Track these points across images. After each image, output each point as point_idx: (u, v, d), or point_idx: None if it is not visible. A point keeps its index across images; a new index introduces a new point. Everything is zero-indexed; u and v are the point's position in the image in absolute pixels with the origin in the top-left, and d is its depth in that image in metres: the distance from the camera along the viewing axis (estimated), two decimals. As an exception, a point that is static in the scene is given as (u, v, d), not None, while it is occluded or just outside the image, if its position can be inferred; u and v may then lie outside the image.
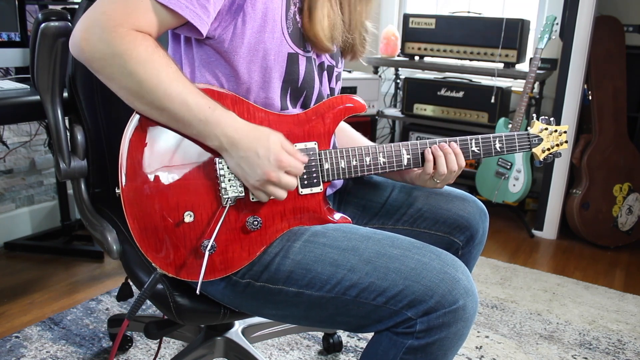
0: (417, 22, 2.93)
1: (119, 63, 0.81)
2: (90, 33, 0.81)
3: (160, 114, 0.86)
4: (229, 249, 0.92)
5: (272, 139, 0.88)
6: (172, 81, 0.84)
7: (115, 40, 0.80)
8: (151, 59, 0.82)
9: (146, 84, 0.83)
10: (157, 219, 0.88)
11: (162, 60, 0.84)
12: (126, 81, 0.83)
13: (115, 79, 0.84)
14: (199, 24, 0.85)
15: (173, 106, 0.84)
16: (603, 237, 2.64)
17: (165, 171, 0.89)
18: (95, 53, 0.82)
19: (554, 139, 1.14)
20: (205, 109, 0.86)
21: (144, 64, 0.82)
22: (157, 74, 0.83)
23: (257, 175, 0.87)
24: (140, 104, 0.86)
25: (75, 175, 1.22)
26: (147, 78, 0.82)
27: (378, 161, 1.02)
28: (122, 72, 0.82)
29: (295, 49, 0.96)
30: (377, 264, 0.88)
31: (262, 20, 0.90)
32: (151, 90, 0.83)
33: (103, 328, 1.75)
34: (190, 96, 0.85)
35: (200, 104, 0.85)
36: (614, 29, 2.66)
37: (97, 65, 0.83)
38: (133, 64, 0.81)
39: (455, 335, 0.87)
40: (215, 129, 0.86)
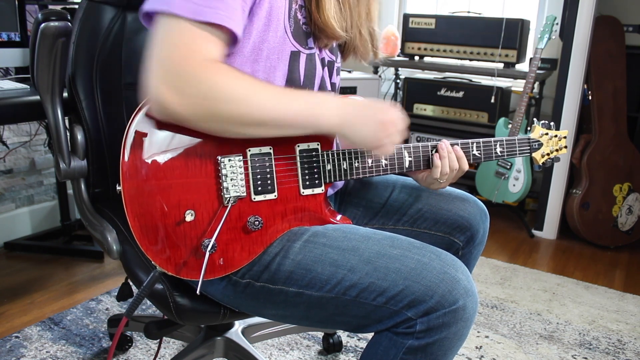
0: (417, 22, 2.93)
1: (214, 98, 0.80)
2: (171, 86, 0.79)
3: (266, 130, 0.87)
4: (230, 249, 0.92)
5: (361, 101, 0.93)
6: (271, 94, 0.85)
7: (199, 78, 0.79)
8: (239, 82, 0.83)
9: (249, 111, 0.83)
10: (158, 217, 0.88)
11: (247, 78, 0.85)
12: (229, 113, 0.82)
13: (216, 117, 0.82)
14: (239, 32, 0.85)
15: (284, 123, 0.86)
16: (603, 237, 2.65)
17: (167, 169, 0.89)
18: (186, 102, 0.79)
19: (554, 144, 1.15)
20: (310, 111, 0.88)
21: (236, 89, 0.82)
22: (255, 98, 0.83)
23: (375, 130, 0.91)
24: (249, 129, 0.86)
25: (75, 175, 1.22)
26: (248, 106, 0.82)
27: (380, 163, 1.02)
28: (221, 106, 0.81)
29: (297, 46, 0.96)
30: (377, 264, 0.88)
31: (267, 20, 0.90)
32: (257, 115, 0.84)
33: (103, 328, 1.75)
34: (293, 106, 0.87)
35: (304, 106, 0.88)
36: (614, 29, 2.66)
37: (194, 114, 0.81)
38: (227, 93, 0.81)
39: (455, 336, 0.87)
40: (323, 127, 0.90)
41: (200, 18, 0.80)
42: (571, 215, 2.65)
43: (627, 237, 2.67)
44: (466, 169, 1.06)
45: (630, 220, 2.66)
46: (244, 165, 0.91)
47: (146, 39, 1.31)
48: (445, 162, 1.03)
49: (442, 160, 1.03)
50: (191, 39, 0.80)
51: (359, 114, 0.91)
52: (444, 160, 1.03)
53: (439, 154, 1.03)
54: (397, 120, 0.93)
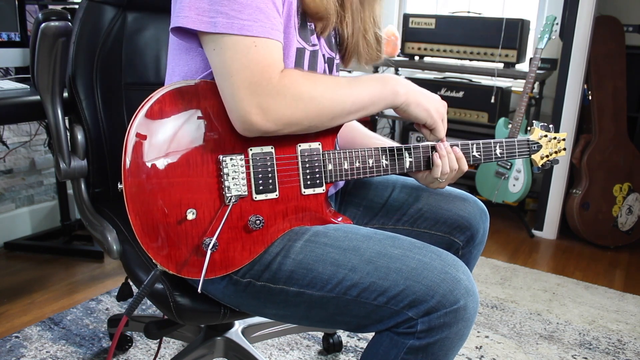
0: (417, 22, 2.93)
1: (301, 106, 0.85)
2: (257, 105, 0.83)
3: (356, 115, 0.94)
4: (231, 248, 0.92)
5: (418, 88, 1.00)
6: (344, 85, 0.91)
7: (282, 92, 0.83)
8: (316, 82, 0.88)
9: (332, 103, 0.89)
10: (159, 215, 0.88)
11: (319, 77, 0.91)
12: (318, 114, 0.88)
13: (306, 119, 0.88)
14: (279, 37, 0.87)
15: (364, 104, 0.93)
16: (603, 237, 2.65)
17: (168, 167, 0.89)
18: (273, 119, 0.84)
19: (553, 146, 1.15)
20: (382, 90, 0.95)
21: (317, 91, 0.87)
22: (333, 88, 0.89)
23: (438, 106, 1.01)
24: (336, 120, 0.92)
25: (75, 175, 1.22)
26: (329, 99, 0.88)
27: (381, 163, 1.02)
28: (309, 109, 0.87)
29: (303, 43, 0.96)
30: (378, 264, 0.88)
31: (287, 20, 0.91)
32: (339, 106, 0.90)
33: (103, 328, 1.74)
34: (363, 86, 0.93)
35: (376, 88, 0.94)
36: (614, 29, 2.66)
37: (283, 126, 0.86)
38: (311, 96, 0.86)
39: (456, 335, 0.87)
40: (399, 98, 0.96)
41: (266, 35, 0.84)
42: (571, 215, 2.65)
43: (627, 237, 2.67)
44: (465, 170, 1.06)
45: (630, 220, 2.66)
46: (245, 165, 0.91)
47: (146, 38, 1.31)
48: (445, 161, 1.03)
49: (442, 159, 1.03)
50: (261, 55, 0.83)
51: (417, 91, 0.99)
52: (443, 160, 1.03)
53: (438, 153, 1.03)
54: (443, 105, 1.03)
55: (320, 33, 1.02)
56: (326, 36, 1.04)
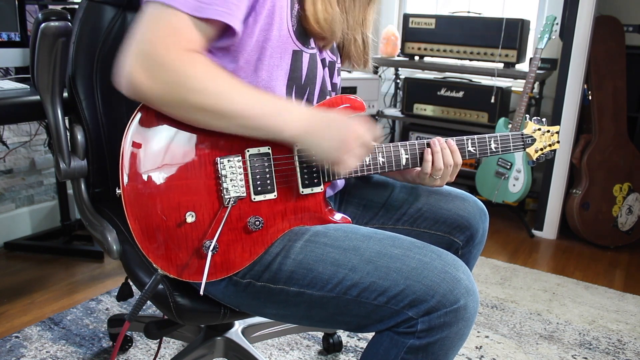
0: (417, 22, 2.93)
1: (182, 87, 0.82)
2: (144, 67, 0.80)
3: (234, 126, 0.87)
4: (231, 249, 0.92)
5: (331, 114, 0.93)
6: (239, 93, 0.85)
7: (172, 65, 0.80)
8: (211, 75, 0.84)
9: (216, 102, 0.84)
10: (159, 219, 0.88)
11: (221, 74, 0.86)
12: (194, 103, 0.83)
13: (181, 105, 0.84)
14: (236, 24, 0.85)
15: (246, 121, 0.86)
16: (603, 237, 2.65)
17: (166, 171, 0.89)
18: (155, 85, 0.81)
19: (547, 139, 1.17)
20: (273, 117, 0.88)
21: (206, 82, 0.83)
22: (223, 88, 0.84)
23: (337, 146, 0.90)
24: (212, 121, 0.86)
25: (75, 175, 1.22)
26: (214, 94, 0.83)
27: (377, 161, 1.02)
28: (188, 95, 0.82)
29: (300, 46, 0.96)
30: (378, 263, 0.88)
31: (270, 18, 0.91)
32: (223, 108, 0.84)
33: (103, 328, 1.75)
34: (258, 107, 0.87)
35: (269, 111, 0.87)
36: (614, 29, 2.66)
37: (161, 98, 0.82)
38: (196, 84, 0.82)
39: (457, 335, 0.87)
40: (285, 134, 0.89)
41: (199, 15, 0.81)
42: (571, 215, 2.65)
43: (627, 237, 2.67)
44: (460, 162, 1.06)
45: (630, 220, 2.66)
46: (243, 166, 0.91)
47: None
48: (438, 156, 1.03)
49: (435, 155, 1.03)
50: (178, 28, 0.81)
51: (322, 127, 0.90)
52: (436, 155, 1.03)
53: (431, 149, 1.03)
54: (362, 135, 0.92)
55: (322, 48, 1.02)
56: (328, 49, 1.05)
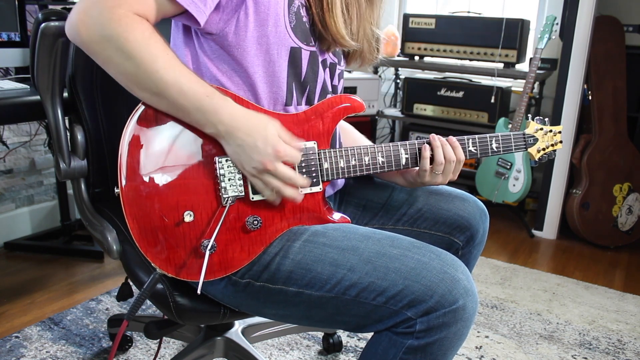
0: (417, 22, 2.93)
1: (115, 45, 0.81)
2: (88, 15, 0.81)
3: (159, 100, 0.86)
4: (229, 249, 0.92)
5: (270, 127, 0.88)
6: (169, 67, 0.83)
7: (113, 22, 0.80)
8: (147, 44, 0.82)
9: (142, 68, 0.82)
10: (157, 218, 0.88)
11: (159, 45, 0.84)
12: (123, 65, 0.83)
13: (112, 63, 0.83)
14: (196, 12, 0.85)
15: (169, 93, 0.84)
16: (603, 237, 2.65)
17: (164, 170, 0.89)
18: (92, 35, 0.81)
19: (549, 139, 1.15)
20: (202, 97, 0.85)
21: (140, 48, 0.81)
22: (154, 59, 0.82)
23: (254, 162, 0.87)
24: (139, 90, 0.86)
25: (75, 175, 1.22)
26: (143, 62, 0.82)
27: (377, 160, 1.02)
28: (119, 55, 0.81)
29: (299, 43, 0.96)
30: (377, 263, 0.88)
31: (265, 14, 0.91)
32: (148, 75, 0.83)
33: (103, 328, 1.75)
34: (187, 83, 0.84)
35: (197, 91, 0.85)
36: (614, 29, 2.66)
37: (94, 47, 0.82)
38: (129, 47, 0.81)
39: (455, 335, 0.87)
40: (212, 117, 0.86)
41: None
42: (571, 215, 2.65)
43: (627, 237, 2.67)
44: (463, 159, 1.05)
45: (630, 220, 2.66)
46: (241, 165, 0.91)
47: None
48: (438, 151, 1.02)
49: (435, 149, 1.02)
50: None
51: (245, 140, 0.86)
52: (437, 150, 1.02)
53: (430, 145, 1.03)
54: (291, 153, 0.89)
55: (326, 50, 1.02)
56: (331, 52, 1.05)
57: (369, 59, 1.12)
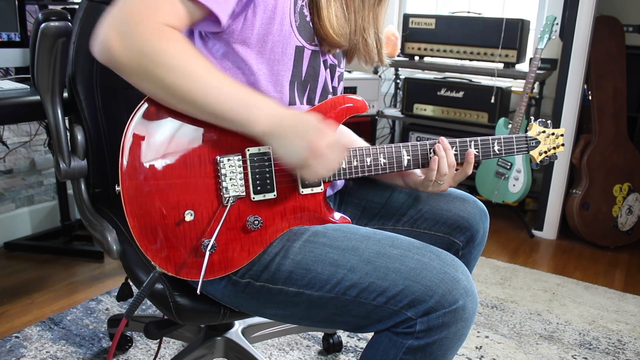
0: (417, 22, 2.93)
1: (155, 60, 0.80)
2: (120, 32, 0.79)
3: (200, 112, 0.86)
4: (229, 249, 0.92)
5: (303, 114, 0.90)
6: (211, 78, 0.83)
7: (149, 35, 0.79)
8: (188, 56, 0.82)
9: (185, 81, 0.81)
10: (158, 217, 0.88)
11: (197, 54, 0.83)
12: (164, 79, 0.81)
13: (151, 78, 0.82)
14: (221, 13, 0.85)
15: (213, 109, 0.84)
16: (603, 237, 2.65)
17: (166, 169, 0.89)
18: (128, 52, 0.79)
19: (551, 142, 1.15)
20: (243, 109, 0.85)
21: (179, 60, 0.81)
22: (195, 70, 0.82)
23: (302, 148, 0.86)
24: (178, 102, 0.85)
25: (75, 175, 1.22)
26: (185, 75, 0.81)
27: (379, 162, 1.02)
28: (160, 69, 0.80)
29: (303, 42, 0.96)
30: (377, 264, 0.88)
31: (272, 12, 0.91)
32: (191, 92, 0.82)
33: (103, 328, 1.75)
34: (229, 97, 0.84)
35: (239, 102, 0.85)
36: (614, 29, 2.66)
37: (130, 65, 0.80)
38: (169, 60, 0.80)
39: (455, 335, 0.87)
40: (252, 130, 0.87)
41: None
42: (571, 216, 2.65)
43: (627, 237, 2.67)
44: (470, 173, 1.06)
45: (630, 220, 2.66)
46: (243, 165, 0.91)
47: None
48: (443, 162, 1.03)
49: (441, 160, 1.02)
50: (162, 3, 0.81)
51: (291, 129, 0.87)
52: (441, 160, 1.03)
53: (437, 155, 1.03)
54: (332, 146, 0.88)
55: (327, 51, 1.02)
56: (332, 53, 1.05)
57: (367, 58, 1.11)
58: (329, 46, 1.00)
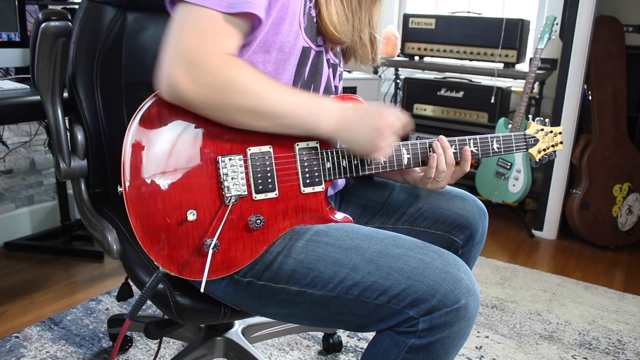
0: (417, 22, 2.93)
1: (231, 89, 0.83)
2: (186, 70, 0.81)
3: (273, 125, 0.89)
4: (232, 248, 0.92)
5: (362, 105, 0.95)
6: (279, 93, 0.87)
7: (217, 67, 0.82)
8: (255, 77, 0.86)
9: (262, 101, 0.85)
10: (160, 217, 0.88)
11: (262, 75, 0.88)
12: (242, 104, 0.85)
13: (229, 107, 0.85)
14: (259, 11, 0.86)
15: (286, 120, 0.89)
16: (603, 237, 2.65)
17: (167, 169, 0.89)
18: (199, 89, 0.82)
19: (550, 140, 1.16)
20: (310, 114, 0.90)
21: (249, 85, 0.84)
22: (266, 93, 0.86)
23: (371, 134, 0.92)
24: (257, 121, 0.88)
25: (75, 175, 1.22)
26: (259, 95, 0.85)
27: (379, 160, 1.02)
28: (237, 97, 0.84)
29: (309, 43, 0.97)
30: (379, 263, 0.88)
31: (283, 12, 0.91)
32: (266, 108, 0.86)
33: (103, 328, 1.74)
34: (296, 106, 0.89)
35: (307, 108, 0.90)
36: (614, 29, 2.66)
37: (204, 100, 0.83)
38: (241, 86, 0.84)
39: (457, 334, 0.87)
40: (321, 130, 0.91)
41: (233, 10, 0.83)
42: (571, 216, 2.65)
43: (627, 237, 2.67)
44: (467, 170, 1.07)
45: (630, 220, 2.66)
46: (244, 164, 0.92)
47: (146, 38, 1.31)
48: (441, 159, 1.03)
49: (439, 157, 1.03)
50: (217, 31, 0.83)
51: (356, 120, 0.92)
52: (440, 158, 1.03)
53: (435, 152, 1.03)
54: (394, 123, 0.94)
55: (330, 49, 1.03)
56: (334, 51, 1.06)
57: (362, 57, 1.13)
58: (330, 43, 1.02)
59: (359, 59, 1.13)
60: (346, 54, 1.13)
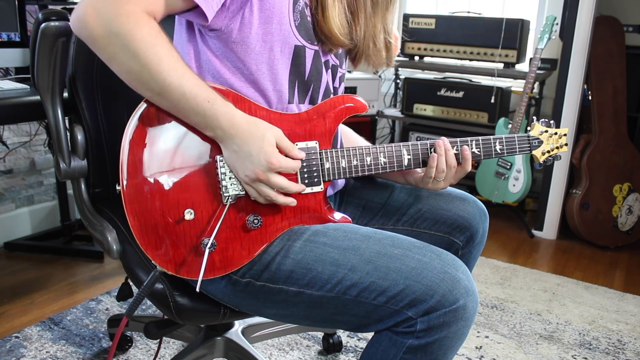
0: (417, 22, 2.93)
1: (122, 42, 0.80)
2: (97, 9, 0.80)
3: (160, 100, 0.87)
4: (229, 247, 0.92)
5: (267, 137, 0.88)
6: (173, 70, 0.84)
7: (122, 17, 0.80)
8: (154, 43, 0.82)
9: (147, 68, 0.82)
10: (158, 216, 0.88)
11: (165, 46, 0.84)
12: (128, 63, 0.82)
13: (117, 60, 0.83)
14: (206, 8, 0.84)
15: (172, 95, 0.85)
16: (603, 237, 2.65)
17: (166, 169, 0.89)
18: (99, 29, 0.80)
19: (554, 142, 1.14)
20: (204, 102, 0.86)
21: (146, 48, 0.81)
22: (159, 60, 0.82)
23: (247, 170, 0.88)
24: (141, 88, 0.86)
25: (75, 175, 1.22)
26: (148, 62, 0.82)
27: (379, 161, 1.02)
28: (125, 52, 0.81)
29: (303, 41, 0.96)
30: (377, 263, 0.88)
31: (269, 11, 0.91)
32: (152, 76, 0.83)
33: (103, 328, 1.75)
34: (190, 87, 0.85)
35: (198, 95, 0.85)
36: (614, 29, 2.66)
37: (100, 42, 0.82)
38: (136, 45, 0.81)
39: (456, 335, 0.87)
40: (212, 122, 0.87)
41: None
42: (571, 216, 2.65)
43: (627, 237, 2.67)
44: (469, 170, 1.06)
45: (630, 220, 2.66)
46: (243, 164, 0.91)
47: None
48: (441, 159, 1.03)
49: (439, 158, 1.03)
50: None
51: (246, 142, 0.87)
52: (440, 158, 1.03)
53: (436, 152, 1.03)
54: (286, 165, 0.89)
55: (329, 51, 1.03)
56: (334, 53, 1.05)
57: (375, 62, 1.11)
58: (332, 45, 1.00)
59: (372, 63, 1.11)
60: (356, 59, 1.12)
